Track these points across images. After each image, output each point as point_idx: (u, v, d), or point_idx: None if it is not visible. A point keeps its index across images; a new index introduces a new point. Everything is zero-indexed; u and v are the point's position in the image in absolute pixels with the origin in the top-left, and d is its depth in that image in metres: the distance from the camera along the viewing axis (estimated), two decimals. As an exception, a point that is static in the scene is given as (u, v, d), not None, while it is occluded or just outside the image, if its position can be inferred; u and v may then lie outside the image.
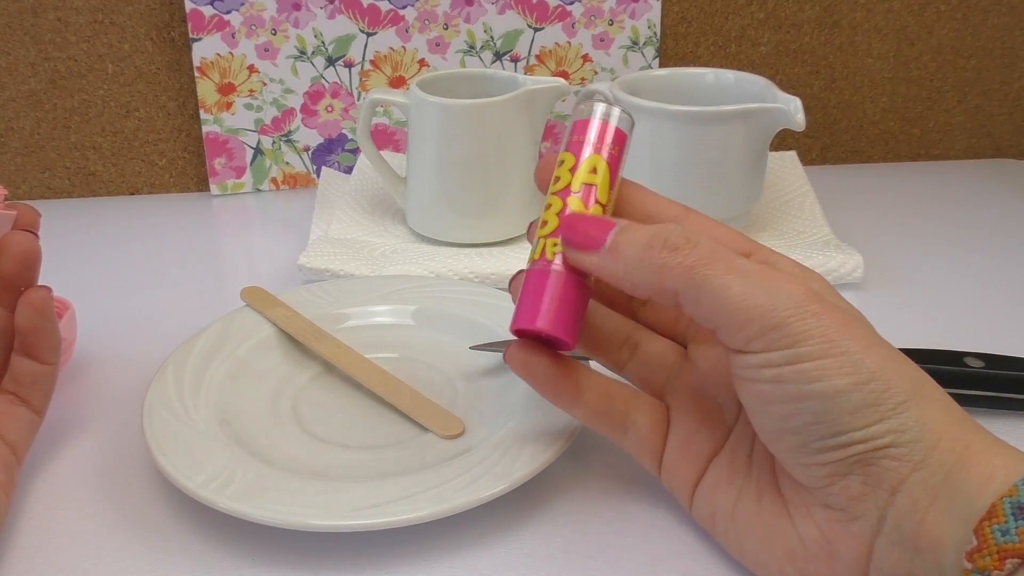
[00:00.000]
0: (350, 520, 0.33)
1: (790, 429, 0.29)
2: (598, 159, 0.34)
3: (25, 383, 0.37)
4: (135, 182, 0.73)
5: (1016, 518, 0.25)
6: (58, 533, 0.36)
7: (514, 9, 0.69)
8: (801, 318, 0.29)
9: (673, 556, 0.34)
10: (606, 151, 0.34)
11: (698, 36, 0.72)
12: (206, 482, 0.35)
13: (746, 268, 0.30)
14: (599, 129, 0.34)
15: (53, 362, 0.38)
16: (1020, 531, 0.25)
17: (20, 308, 0.36)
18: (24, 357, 0.37)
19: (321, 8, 0.68)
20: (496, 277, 0.54)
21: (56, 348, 0.38)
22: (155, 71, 0.69)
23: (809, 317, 0.29)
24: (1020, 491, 0.26)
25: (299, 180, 0.73)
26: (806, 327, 0.29)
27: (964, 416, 0.29)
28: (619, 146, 0.34)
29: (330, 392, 0.44)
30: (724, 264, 0.30)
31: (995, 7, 0.73)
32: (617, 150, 0.34)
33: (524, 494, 0.37)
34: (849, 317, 0.30)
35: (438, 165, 0.57)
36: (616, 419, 0.35)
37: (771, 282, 0.29)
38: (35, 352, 0.37)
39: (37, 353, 0.37)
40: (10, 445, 0.36)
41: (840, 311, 0.30)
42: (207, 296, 0.56)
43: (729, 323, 0.29)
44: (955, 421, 0.28)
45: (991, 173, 0.76)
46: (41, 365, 0.37)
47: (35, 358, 0.37)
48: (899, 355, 0.30)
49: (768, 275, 0.30)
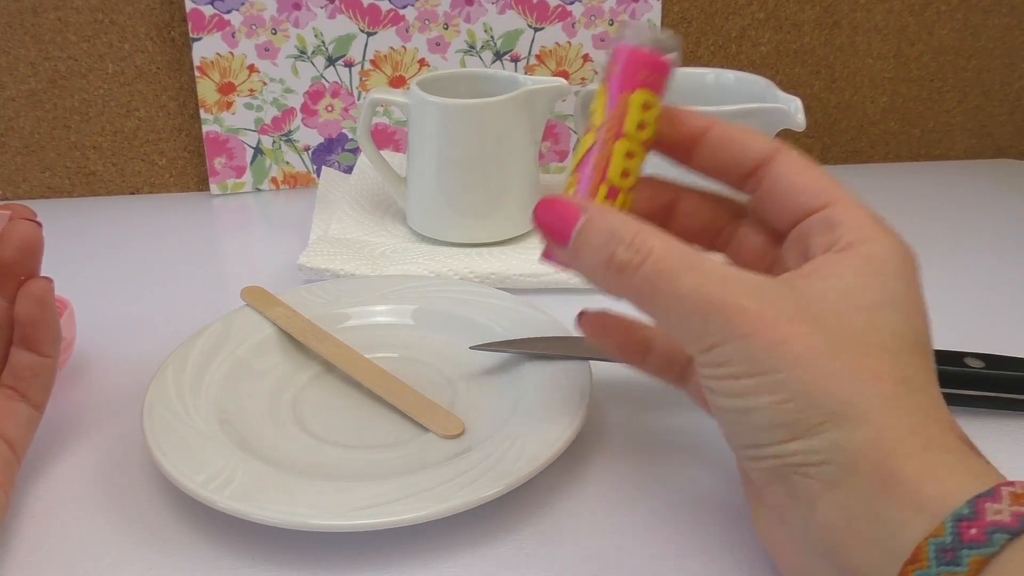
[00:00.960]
0: (350, 520, 0.33)
1: (723, 430, 0.31)
2: (600, 90, 0.32)
3: (25, 376, 0.37)
4: (135, 182, 0.73)
5: (939, 562, 0.24)
6: (58, 532, 0.36)
7: (514, 9, 0.69)
8: (727, 341, 0.29)
9: (673, 555, 0.34)
10: (612, 78, 0.32)
11: (698, 36, 0.72)
12: (206, 481, 0.35)
13: (691, 285, 0.29)
14: (609, 61, 0.32)
15: (53, 355, 0.37)
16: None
17: (21, 299, 0.36)
18: (24, 350, 0.37)
19: (321, 8, 0.68)
20: (496, 277, 0.54)
21: (56, 340, 0.37)
22: (155, 71, 0.69)
23: (737, 339, 0.29)
24: (947, 531, 0.24)
25: (299, 180, 0.73)
26: (729, 353, 0.29)
27: (905, 440, 0.27)
28: (631, 67, 0.32)
29: (330, 392, 0.44)
30: (668, 290, 0.30)
31: (995, 7, 0.73)
32: (625, 71, 0.32)
33: (524, 494, 0.37)
34: (803, 326, 0.28)
35: (438, 165, 0.57)
36: (676, 370, 0.38)
37: (708, 303, 0.29)
38: (35, 344, 0.37)
39: (37, 345, 0.37)
40: (9, 442, 0.36)
41: (793, 320, 0.28)
42: (207, 296, 0.56)
43: (676, 337, 0.31)
44: (888, 446, 0.27)
45: (991, 173, 0.76)
46: (41, 358, 0.37)
47: (35, 350, 0.37)
48: (856, 369, 0.28)
49: (712, 291, 0.29)
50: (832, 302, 0.29)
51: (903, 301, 0.30)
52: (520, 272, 0.54)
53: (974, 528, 0.24)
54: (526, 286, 0.55)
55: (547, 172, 0.74)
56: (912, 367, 0.29)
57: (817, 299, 0.29)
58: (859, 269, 0.30)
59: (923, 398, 0.28)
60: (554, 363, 0.43)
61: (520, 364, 0.44)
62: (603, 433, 0.42)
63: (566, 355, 0.43)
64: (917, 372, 0.29)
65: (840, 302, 0.29)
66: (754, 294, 0.29)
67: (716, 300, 0.29)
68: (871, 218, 0.31)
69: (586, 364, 0.42)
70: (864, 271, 0.30)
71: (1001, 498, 0.24)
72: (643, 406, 0.44)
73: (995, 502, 0.24)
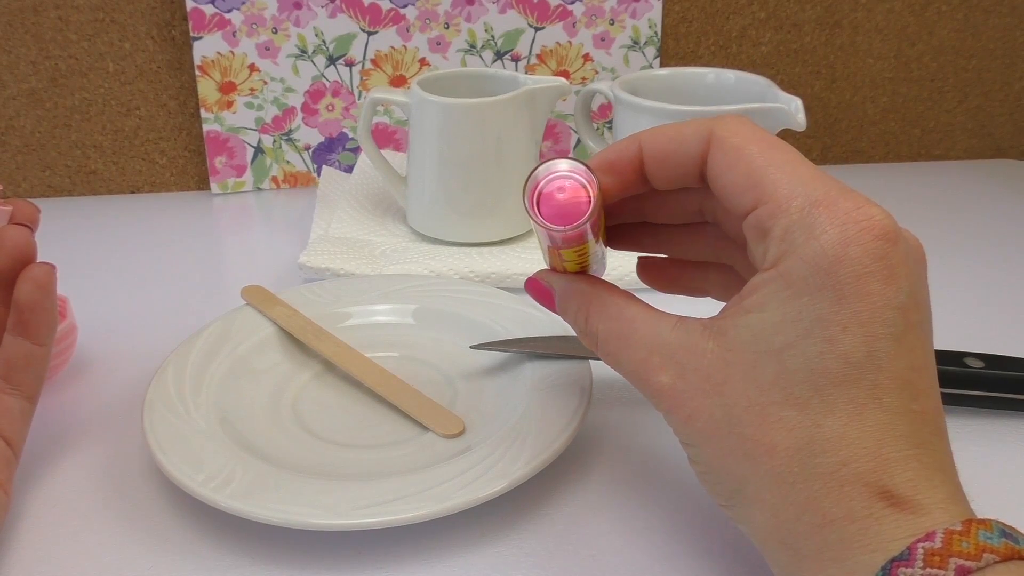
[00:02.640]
0: (350, 519, 0.33)
1: None
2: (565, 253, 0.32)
3: (18, 366, 0.36)
4: (136, 181, 0.73)
5: None
6: (58, 532, 0.36)
7: (515, 8, 0.69)
8: (662, 414, 0.30)
9: (674, 555, 0.34)
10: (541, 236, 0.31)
11: (699, 36, 0.72)
12: (206, 481, 0.35)
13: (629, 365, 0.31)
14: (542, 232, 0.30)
15: (47, 344, 0.37)
16: None
17: (21, 282, 0.36)
18: (18, 337, 0.36)
19: (322, 7, 0.68)
20: (496, 276, 0.54)
21: (52, 329, 0.37)
22: (156, 69, 0.69)
23: (664, 414, 0.30)
24: None
25: (300, 179, 0.73)
26: (668, 423, 0.30)
27: (799, 519, 0.26)
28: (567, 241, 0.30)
29: (330, 391, 0.44)
30: (616, 367, 0.32)
31: (996, 7, 0.73)
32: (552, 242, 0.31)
33: (524, 493, 0.37)
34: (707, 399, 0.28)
35: (439, 164, 0.57)
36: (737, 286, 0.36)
37: (641, 381, 0.30)
38: (30, 331, 0.36)
39: (32, 332, 0.36)
40: (6, 440, 0.36)
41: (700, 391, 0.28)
42: (207, 295, 0.56)
43: None
44: (784, 526, 0.26)
45: (992, 173, 0.76)
46: (35, 346, 0.36)
47: (30, 338, 0.36)
48: (750, 445, 0.27)
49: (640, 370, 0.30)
50: (745, 351, 0.28)
51: (827, 324, 0.26)
52: (520, 271, 0.54)
53: None
54: (526, 286, 0.55)
55: (547, 172, 0.74)
56: (823, 413, 0.26)
57: (733, 348, 0.28)
58: (778, 295, 0.27)
59: (827, 458, 0.26)
60: (554, 363, 0.43)
61: (520, 364, 0.44)
62: (603, 433, 0.42)
63: (566, 355, 0.43)
64: (829, 418, 0.26)
65: (753, 347, 0.27)
66: (670, 366, 0.29)
67: (643, 379, 0.30)
68: (802, 210, 0.27)
69: (586, 364, 0.42)
70: (783, 297, 0.27)
71: (915, 560, 0.23)
72: (643, 406, 0.44)
73: (907, 566, 0.23)
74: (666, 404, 0.29)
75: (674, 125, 0.31)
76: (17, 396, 0.37)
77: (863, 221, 0.26)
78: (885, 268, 0.26)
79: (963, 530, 0.23)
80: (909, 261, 0.27)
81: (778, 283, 0.27)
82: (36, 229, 0.38)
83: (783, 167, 0.28)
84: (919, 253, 0.28)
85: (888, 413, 0.26)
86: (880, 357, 0.26)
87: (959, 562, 0.23)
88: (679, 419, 0.29)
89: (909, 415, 0.26)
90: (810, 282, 0.26)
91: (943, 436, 0.27)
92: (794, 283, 0.27)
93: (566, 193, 0.29)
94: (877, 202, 0.27)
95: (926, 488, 0.25)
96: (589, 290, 0.33)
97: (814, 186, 0.27)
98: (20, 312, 0.36)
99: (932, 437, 0.26)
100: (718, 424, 0.28)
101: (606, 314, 0.32)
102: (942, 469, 0.26)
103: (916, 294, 0.27)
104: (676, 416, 0.29)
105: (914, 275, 0.27)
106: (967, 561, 0.23)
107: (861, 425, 0.26)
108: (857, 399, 0.26)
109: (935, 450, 0.26)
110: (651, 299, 0.33)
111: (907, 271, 0.26)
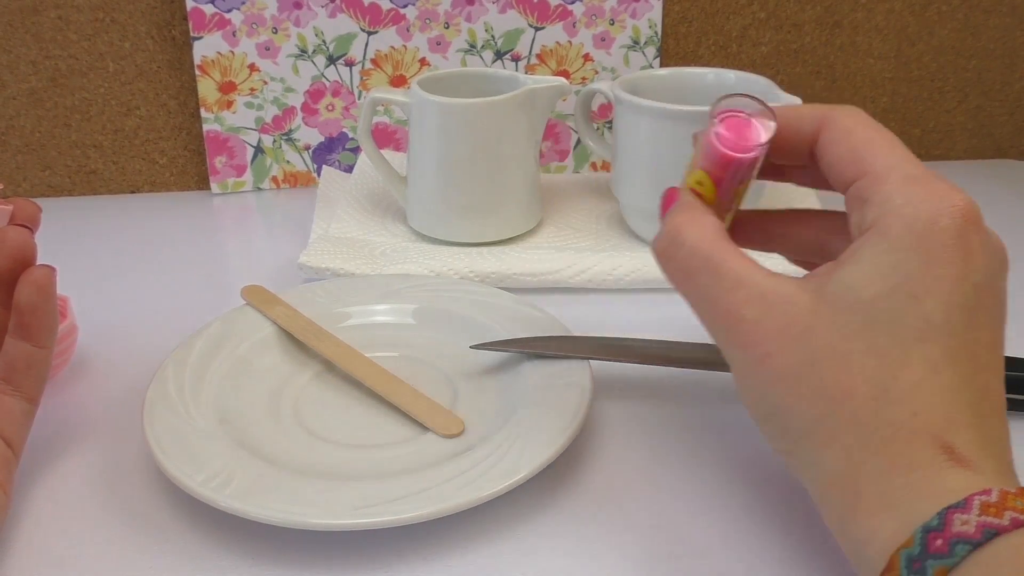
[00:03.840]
0: (350, 519, 0.33)
1: None
2: (702, 175, 0.34)
3: (19, 368, 0.36)
4: (136, 180, 0.73)
5: (909, 571, 0.24)
6: (58, 532, 0.36)
7: (515, 8, 0.69)
8: (725, 349, 0.31)
9: (674, 556, 0.34)
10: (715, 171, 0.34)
11: (699, 36, 0.72)
12: (206, 481, 0.35)
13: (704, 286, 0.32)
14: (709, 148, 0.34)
15: (48, 346, 0.37)
16: None
17: (22, 284, 0.36)
18: (19, 340, 0.36)
19: (322, 7, 0.68)
20: (496, 276, 0.54)
21: (53, 332, 0.37)
22: (156, 69, 0.69)
23: (731, 349, 0.31)
24: (916, 542, 0.25)
25: (300, 179, 0.73)
26: (729, 358, 0.31)
27: (869, 460, 0.27)
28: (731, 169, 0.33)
29: (330, 391, 0.44)
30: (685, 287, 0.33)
31: (996, 7, 0.73)
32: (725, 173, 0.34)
33: (524, 493, 0.37)
34: (788, 341, 0.29)
35: (439, 164, 0.57)
36: None
37: (714, 307, 0.31)
38: (31, 333, 0.36)
39: (33, 334, 0.36)
40: (7, 440, 0.36)
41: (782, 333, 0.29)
42: (207, 295, 0.56)
43: None
44: (855, 467, 0.28)
45: (992, 173, 0.76)
46: (36, 349, 0.36)
47: (31, 340, 0.36)
48: (829, 386, 0.28)
49: (718, 296, 0.31)
50: (836, 301, 0.29)
51: (913, 282, 0.28)
52: (520, 272, 0.54)
53: (940, 539, 0.24)
54: (526, 286, 0.55)
55: (547, 172, 0.74)
56: (901, 365, 0.28)
57: (824, 299, 0.29)
58: (873, 248, 0.29)
59: (901, 408, 0.27)
60: (554, 363, 0.43)
61: (520, 363, 0.44)
62: (603, 433, 0.42)
63: (566, 355, 0.43)
64: (906, 370, 0.28)
65: (843, 298, 0.29)
66: (757, 303, 0.30)
67: (724, 309, 0.31)
68: (900, 182, 0.29)
69: (586, 364, 0.42)
70: (878, 252, 0.29)
71: (971, 508, 0.24)
72: (643, 406, 0.44)
73: (964, 512, 0.24)
74: (742, 340, 0.30)
75: (793, 106, 0.34)
76: (19, 398, 0.37)
77: (955, 201, 0.29)
78: (966, 246, 0.28)
79: (1017, 493, 0.25)
80: (988, 250, 0.29)
81: (874, 238, 0.29)
82: (37, 228, 0.38)
83: (884, 146, 0.31)
84: (1000, 250, 0.30)
85: (958, 378, 0.28)
86: (955, 324, 0.28)
87: (1014, 515, 0.24)
88: (752, 358, 0.30)
89: (974, 386, 0.28)
90: (904, 240, 0.28)
91: (1001, 418, 0.29)
92: (889, 238, 0.29)
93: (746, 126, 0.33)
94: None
95: (982, 456, 0.27)
96: (699, 206, 0.33)
97: (912, 165, 0.30)
98: (21, 315, 0.36)
99: (991, 415, 0.28)
100: (797, 366, 0.29)
101: (703, 234, 0.32)
102: (997, 445, 0.28)
103: (992, 282, 0.29)
104: (750, 354, 0.30)
105: (992, 265, 0.29)
106: (1021, 515, 0.24)
107: (933, 382, 0.27)
108: (932, 358, 0.28)
109: (991, 427, 0.28)
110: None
111: (985, 258, 0.29)
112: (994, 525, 0.24)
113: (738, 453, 0.40)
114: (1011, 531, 0.24)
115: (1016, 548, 0.24)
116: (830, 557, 0.34)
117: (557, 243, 0.59)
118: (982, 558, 0.24)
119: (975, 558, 0.24)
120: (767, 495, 0.37)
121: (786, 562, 0.34)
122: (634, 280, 0.54)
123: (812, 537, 0.35)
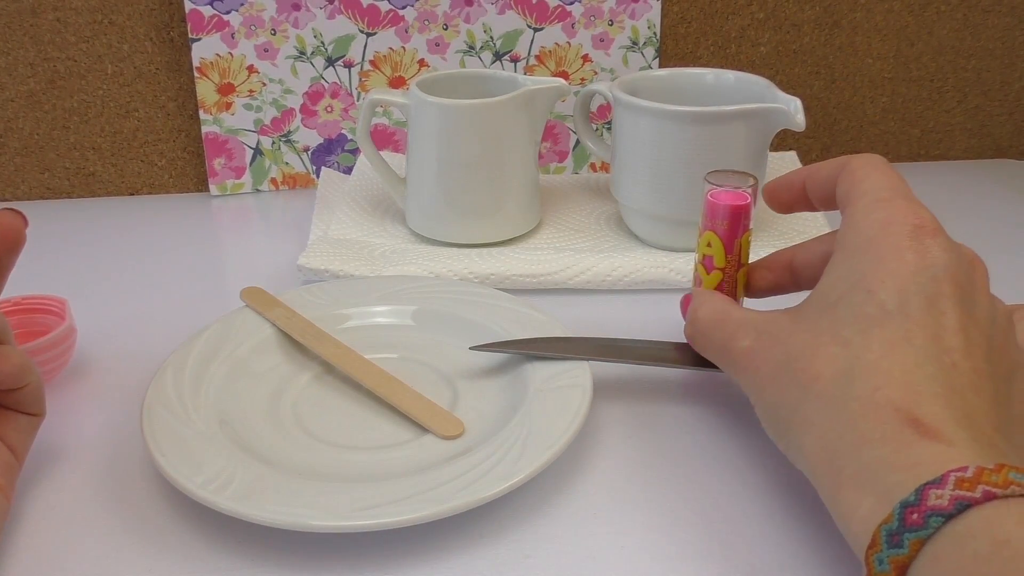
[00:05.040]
0: (350, 521, 0.33)
1: None
2: (710, 235, 0.42)
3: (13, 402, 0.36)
4: (134, 182, 0.73)
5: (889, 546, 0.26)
6: (57, 533, 0.36)
7: (514, 9, 0.69)
8: (733, 375, 0.37)
9: (674, 557, 0.34)
10: (718, 226, 0.41)
11: (698, 36, 0.72)
12: (206, 483, 0.35)
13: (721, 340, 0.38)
14: (708, 207, 0.41)
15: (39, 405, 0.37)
16: None
17: None
18: None
19: (321, 8, 0.67)
20: (496, 277, 0.54)
21: (40, 396, 0.37)
22: (154, 71, 0.69)
23: (736, 373, 0.37)
24: (895, 517, 0.26)
25: (299, 180, 0.73)
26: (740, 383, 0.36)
27: (841, 439, 0.29)
28: (729, 218, 0.41)
29: (330, 393, 0.44)
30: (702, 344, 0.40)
31: (995, 7, 0.73)
32: (725, 223, 0.41)
33: (524, 494, 0.37)
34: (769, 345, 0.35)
35: (438, 165, 0.57)
36: None
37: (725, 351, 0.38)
38: (21, 406, 0.36)
39: (23, 407, 0.37)
40: (11, 447, 0.36)
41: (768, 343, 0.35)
42: (207, 296, 0.56)
43: None
44: (830, 446, 0.30)
45: (991, 173, 0.76)
46: (28, 416, 0.37)
47: (22, 410, 0.37)
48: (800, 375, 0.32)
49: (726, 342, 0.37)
50: (809, 311, 0.34)
51: (868, 279, 0.32)
52: (520, 272, 0.54)
53: (916, 513, 0.25)
54: (526, 286, 0.55)
55: (547, 172, 0.74)
56: (863, 349, 0.31)
57: (801, 312, 0.35)
58: (835, 262, 0.34)
59: (864, 383, 0.30)
60: (554, 364, 0.43)
61: (520, 365, 0.44)
62: (603, 433, 0.42)
63: (566, 355, 0.43)
64: (867, 352, 0.30)
65: (815, 306, 0.34)
66: (750, 333, 0.36)
67: (728, 347, 0.37)
68: (868, 203, 0.34)
69: (586, 365, 0.42)
70: (839, 262, 0.34)
71: (946, 484, 0.25)
72: (643, 407, 0.44)
73: (939, 488, 0.25)
74: (743, 363, 0.36)
75: (821, 163, 0.39)
76: (24, 413, 0.37)
77: (909, 214, 0.33)
78: (919, 247, 0.32)
79: (995, 469, 0.25)
80: (949, 252, 0.32)
81: (838, 253, 0.34)
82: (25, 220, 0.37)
83: (871, 178, 0.35)
84: (967, 255, 0.34)
85: (918, 353, 0.30)
86: (911, 309, 0.31)
87: (986, 488, 0.25)
88: (751, 372, 0.35)
89: (939, 362, 0.30)
90: (859, 247, 0.33)
91: (985, 396, 0.30)
92: (847, 249, 0.34)
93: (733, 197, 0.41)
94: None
95: (952, 427, 0.28)
96: (707, 291, 0.41)
97: (888, 191, 0.34)
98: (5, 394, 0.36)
99: (968, 391, 0.29)
100: (779, 366, 0.33)
101: (713, 305, 0.39)
102: (974, 418, 0.29)
103: (957, 275, 0.32)
104: (749, 373, 0.35)
105: (958, 263, 0.32)
106: (994, 488, 0.25)
107: (892, 358, 0.30)
108: (890, 339, 0.30)
109: (967, 402, 0.29)
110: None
111: (946, 257, 0.32)
112: (967, 498, 0.25)
113: (738, 453, 0.40)
114: (983, 503, 0.25)
115: (987, 519, 0.24)
116: (830, 557, 0.34)
117: (556, 244, 0.59)
118: (955, 529, 0.25)
119: (948, 529, 0.25)
120: (767, 495, 0.37)
121: (786, 562, 0.34)
122: (633, 281, 0.54)
123: (812, 536, 0.35)
